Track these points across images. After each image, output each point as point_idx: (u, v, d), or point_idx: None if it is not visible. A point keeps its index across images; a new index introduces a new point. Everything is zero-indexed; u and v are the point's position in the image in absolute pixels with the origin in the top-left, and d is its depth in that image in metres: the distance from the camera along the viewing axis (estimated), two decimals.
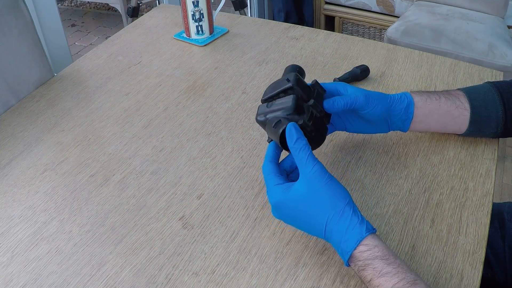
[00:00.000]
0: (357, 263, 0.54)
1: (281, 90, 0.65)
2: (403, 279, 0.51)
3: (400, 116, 0.70)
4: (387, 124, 0.72)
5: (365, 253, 0.53)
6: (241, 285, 0.59)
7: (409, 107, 0.70)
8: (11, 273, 0.61)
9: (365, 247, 0.53)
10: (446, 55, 1.29)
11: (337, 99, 0.66)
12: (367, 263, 0.53)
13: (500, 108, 0.71)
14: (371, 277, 0.52)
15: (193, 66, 1.01)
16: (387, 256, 0.53)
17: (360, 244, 0.53)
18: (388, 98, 0.70)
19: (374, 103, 0.68)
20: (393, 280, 0.51)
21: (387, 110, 0.69)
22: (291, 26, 1.14)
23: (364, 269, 0.53)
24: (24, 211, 0.69)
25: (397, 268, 0.52)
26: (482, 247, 0.62)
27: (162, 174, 0.75)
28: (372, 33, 2.55)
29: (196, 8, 1.05)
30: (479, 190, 0.70)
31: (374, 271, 0.52)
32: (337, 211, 0.55)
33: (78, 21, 3.23)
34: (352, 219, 0.55)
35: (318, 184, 0.56)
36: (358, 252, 0.54)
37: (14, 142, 0.82)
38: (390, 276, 0.51)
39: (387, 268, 0.52)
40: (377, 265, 0.52)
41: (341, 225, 0.55)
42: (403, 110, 0.70)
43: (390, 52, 1.02)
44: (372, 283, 0.52)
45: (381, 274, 0.52)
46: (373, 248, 0.53)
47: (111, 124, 0.85)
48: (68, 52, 1.84)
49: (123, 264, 0.62)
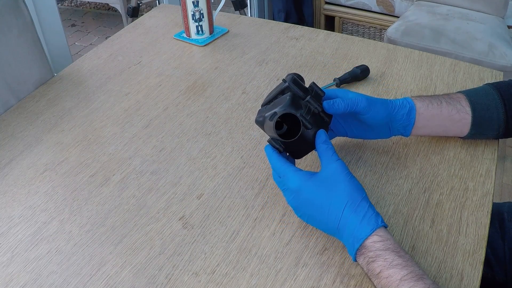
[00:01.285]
0: (367, 254, 0.54)
1: (278, 91, 0.66)
2: (411, 272, 0.51)
3: (402, 121, 0.70)
4: (388, 129, 0.71)
5: (377, 244, 0.54)
6: (241, 285, 0.59)
7: (411, 112, 0.70)
8: (11, 273, 0.61)
9: (379, 237, 0.54)
10: (446, 55, 1.29)
11: (338, 100, 0.67)
12: (378, 253, 0.53)
13: (501, 109, 0.71)
14: (381, 268, 0.53)
15: (193, 66, 1.01)
16: (398, 249, 0.54)
17: (374, 234, 0.55)
18: (389, 104, 0.70)
19: (376, 107, 0.68)
20: (402, 272, 0.52)
21: (388, 115, 0.69)
22: (291, 26, 1.14)
23: (374, 260, 0.54)
24: (24, 211, 0.69)
25: (407, 261, 0.53)
26: (482, 247, 0.62)
27: (162, 174, 0.75)
28: (372, 33, 2.55)
29: (196, 8, 1.05)
30: (479, 190, 0.70)
31: (385, 262, 0.53)
32: (354, 201, 0.57)
33: (78, 21, 3.23)
34: (368, 210, 0.57)
35: (340, 175, 0.59)
36: (371, 242, 0.54)
37: (14, 142, 0.82)
38: (399, 268, 0.52)
39: (398, 260, 0.53)
40: (388, 256, 0.53)
41: (357, 214, 0.56)
42: (405, 115, 0.70)
43: (390, 52, 1.02)
44: (381, 274, 0.53)
45: (391, 266, 0.52)
46: (386, 240, 0.54)
47: (111, 124, 0.85)
48: (68, 52, 1.84)
49: (123, 264, 0.62)
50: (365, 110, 0.67)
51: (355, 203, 0.57)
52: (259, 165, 0.75)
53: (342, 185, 0.58)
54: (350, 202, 0.57)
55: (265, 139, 0.80)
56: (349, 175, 0.59)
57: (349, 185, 0.58)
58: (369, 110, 0.67)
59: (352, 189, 0.58)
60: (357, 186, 0.59)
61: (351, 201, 0.57)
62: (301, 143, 0.64)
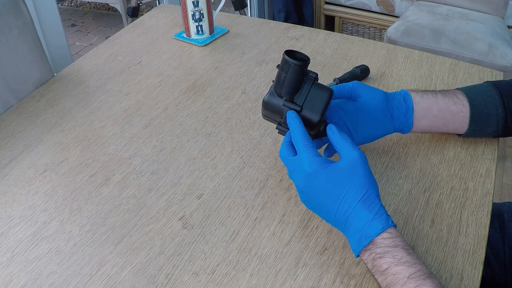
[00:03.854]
0: (375, 250, 0.54)
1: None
2: (419, 270, 0.51)
3: (400, 106, 0.70)
4: (390, 117, 0.70)
5: (387, 240, 0.54)
6: (241, 285, 0.59)
7: (407, 98, 0.71)
8: (11, 273, 0.61)
9: (389, 234, 0.54)
10: (446, 55, 1.30)
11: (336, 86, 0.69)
12: (387, 250, 0.53)
13: (500, 106, 0.71)
14: (389, 265, 0.52)
15: (193, 66, 1.01)
16: (407, 247, 0.54)
17: (385, 231, 0.54)
18: (384, 92, 0.71)
19: (371, 90, 0.69)
20: (410, 269, 0.51)
21: (385, 99, 0.70)
22: (291, 26, 1.14)
23: (382, 256, 0.53)
24: (24, 211, 0.69)
25: (415, 259, 0.52)
26: (482, 247, 0.62)
27: (162, 174, 0.75)
28: (372, 33, 2.55)
29: (196, 8, 1.05)
30: (479, 190, 0.70)
31: (393, 259, 0.52)
32: (370, 196, 0.56)
33: (78, 21, 3.23)
34: (380, 208, 0.56)
35: (360, 167, 0.57)
36: (380, 238, 0.54)
37: (14, 142, 0.82)
38: (408, 266, 0.52)
39: (406, 258, 0.52)
40: (397, 253, 0.53)
41: (371, 209, 0.55)
42: (402, 100, 0.71)
43: (390, 52, 1.02)
44: (388, 271, 0.52)
45: (400, 263, 0.52)
46: (396, 237, 0.54)
47: (111, 124, 0.85)
48: (68, 52, 1.84)
49: (123, 264, 0.62)
50: (359, 88, 0.68)
51: (369, 199, 0.56)
52: (259, 165, 0.75)
53: (361, 178, 0.57)
54: (366, 197, 0.56)
55: (265, 139, 0.80)
56: (369, 169, 0.58)
57: (368, 179, 0.57)
58: (363, 90, 0.69)
59: (370, 184, 0.57)
60: (374, 182, 0.58)
61: (366, 196, 0.56)
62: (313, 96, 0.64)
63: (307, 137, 0.60)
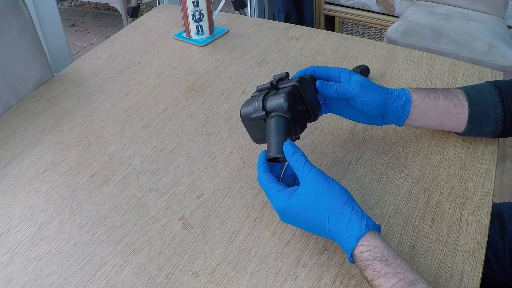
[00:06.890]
0: (358, 262, 0.55)
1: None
2: (402, 280, 0.51)
3: (396, 112, 0.71)
4: (382, 118, 0.72)
5: (365, 254, 0.54)
6: (241, 285, 0.59)
7: (406, 104, 0.70)
8: (11, 273, 0.61)
9: (365, 247, 0.54)
10: (446, 55, 1.29)
11: (332, 84, 0.67)
12: (367, 263, 0.53)
13: (499, 106, 0.71)
14: (372, 277, 0.53)
15: (193, 66, 1.01)
16: (387, 257, 0.53)
17: (361, 244, 0.54)
18: (386, 93, 0.70)
19: (371, 95, 0.68)
20: (392, 280, 0.51)
21: (383, 105, 0.69)
22: (291, 26, 1.14)
23: (365, 269, 0.54)
24: (24, 211, 0.69)
25: (396, 268, 0.52)
26: (482, 247, 0.62)
27: (162, 174, 0.75)
28: (372, 33, 2.55)
29: (196, 8, 1.05)
30: (479, 190, 0.70)
31: (374, 272, 0.53)
32: (336, 210, 0.56)
33: (78, 21, 3.23)
34: (351, 216, 0.55)
35: (316, 187, 0.57)
36: (358, 252, 0.54)
37: (14, 142, 0.82)
38: (389, 277, 0.51)
39: (386, 269, 0.52)
40: (376, 266, 0.53)
41: (341, 223, 0.55)
42: (400, 107, 0.70)
43: (390, 52, 1.02)
44: (373, 283, 0.53)
45: (380, 275, 0.52)
46: (373, 249, 0.53)
47: (111, 124, 0.85)
48: (68, 52, 1.84)
49: (123, 264, 0.62)
50: (357, 96, 0.67)
51: (337, 211, 0.56)
52: None
53: (321, 195, 0.56)
54: (333, 212, 0.56)
55: None
56: (326, 183, 0.57)
57: (328, 194, 0.56)
58: (362, 96, 0.67)
59: (332, 197, 0.56)
60: (338, 191, 0.57)
61: (333, 211, 0.56)
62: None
63: (267, 176, 0.61)
